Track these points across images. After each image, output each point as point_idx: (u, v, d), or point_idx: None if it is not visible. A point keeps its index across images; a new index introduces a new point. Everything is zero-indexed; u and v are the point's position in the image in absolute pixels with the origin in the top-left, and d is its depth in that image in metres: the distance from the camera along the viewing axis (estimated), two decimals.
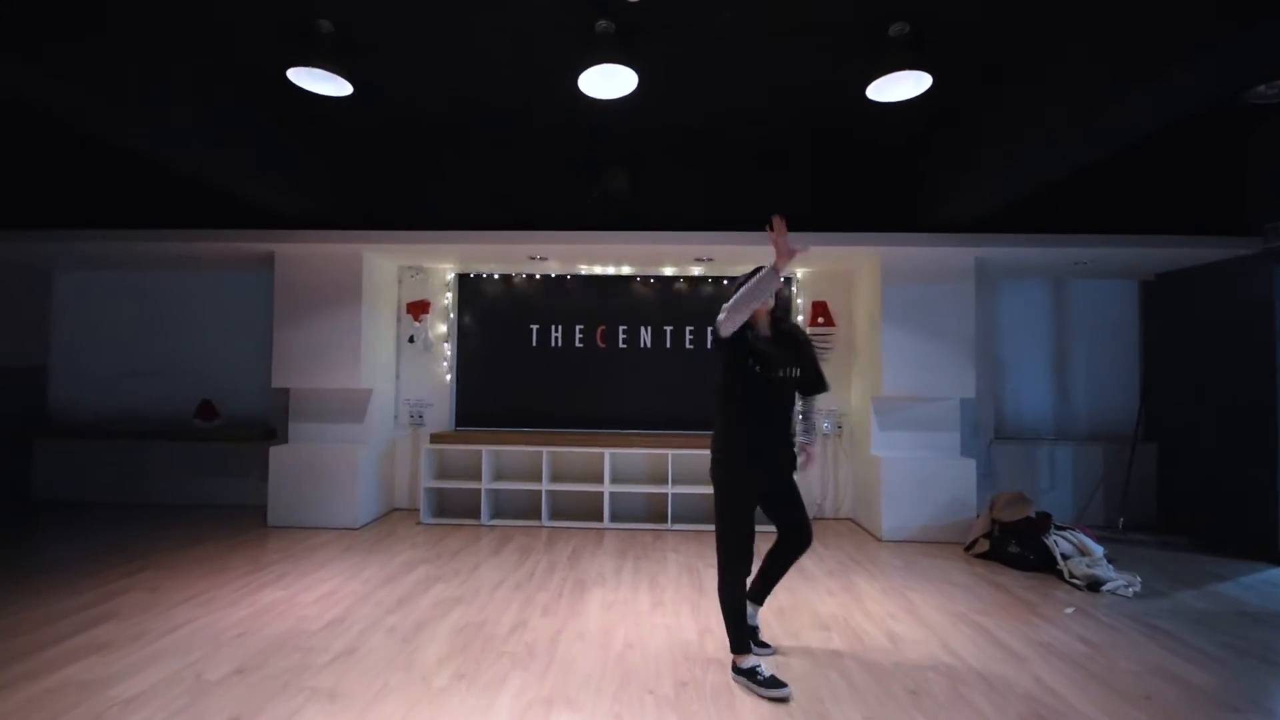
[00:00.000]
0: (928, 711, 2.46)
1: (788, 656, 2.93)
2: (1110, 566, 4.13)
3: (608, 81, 3.44)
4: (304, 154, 4.51)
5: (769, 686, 2.54)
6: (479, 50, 3.61)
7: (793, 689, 2.58)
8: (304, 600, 3.53)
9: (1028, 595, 3.84)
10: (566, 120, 4.22)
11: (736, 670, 2.68)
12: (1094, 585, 3.98)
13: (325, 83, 3.57)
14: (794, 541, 2.83)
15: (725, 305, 2.56)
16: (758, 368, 2.63)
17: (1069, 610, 3.60)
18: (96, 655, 2.85)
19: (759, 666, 2.63)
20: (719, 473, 2.71)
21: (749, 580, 2.78)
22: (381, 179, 4.97)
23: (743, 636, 2.67)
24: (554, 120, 4.25)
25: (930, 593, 3.82)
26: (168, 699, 2.46)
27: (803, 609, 3.53)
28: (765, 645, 2.97)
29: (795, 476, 2.83)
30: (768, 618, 3.34)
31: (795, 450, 2.85)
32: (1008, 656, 2.97)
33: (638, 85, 3.55)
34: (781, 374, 2.71)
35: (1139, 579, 4.04)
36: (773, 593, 3.10)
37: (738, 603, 2.65)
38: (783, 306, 2.89)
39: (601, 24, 3.39)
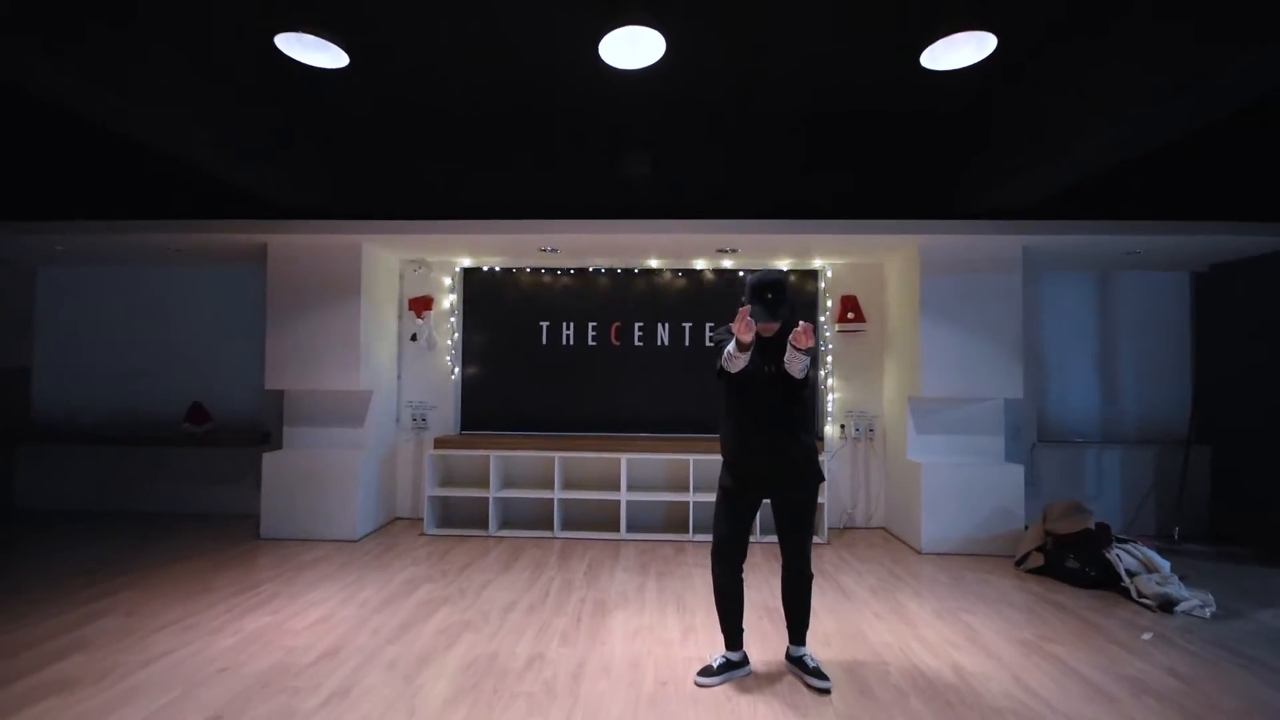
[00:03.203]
0: None
1: (846, 693, 2.57)
2: (1182, 584, 3.76)
3: (632, 48, 3.07)
4: (298, 137, 4.16)
5: (707, 675, 2.66)
6: (491, 17, 3.24)
7: None
8: (295, 627, 3.17)
9: (1095, 617, 3.46)
10: (584, 98, 3.85)
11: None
12: (1166, 605, 3.61)
13: (318, 52, 3.22)
14: (787, 569, 2.72)
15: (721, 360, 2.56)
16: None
17: (1146, 636, 3.23)
18: (59, 696, 2.50)
19: (715, 660, 2.72)
20: (721, 475, 2.74)
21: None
22: (382, 165, 4.60)
23: (727, 630, 2.73)
24: (571, 99, 3.88)
25: (988, 615, 3.45)
26: None
27: (851, 636, 3.16)
28: (822, 677, 2.62)
29: (803, 504, 2.66)
30: (810, 644, 2.96)
31: (803, 462, 2.62)
32: (1094, 694, 2.60)
33: (664, 55, 3.19)
34: (769, 369, 2.55)
35: (1211, 597, 3.67)
36: (815, 618, 3.01)
37: (720, 594, 2.71)
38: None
39: None
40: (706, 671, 2.66)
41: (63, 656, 2.84)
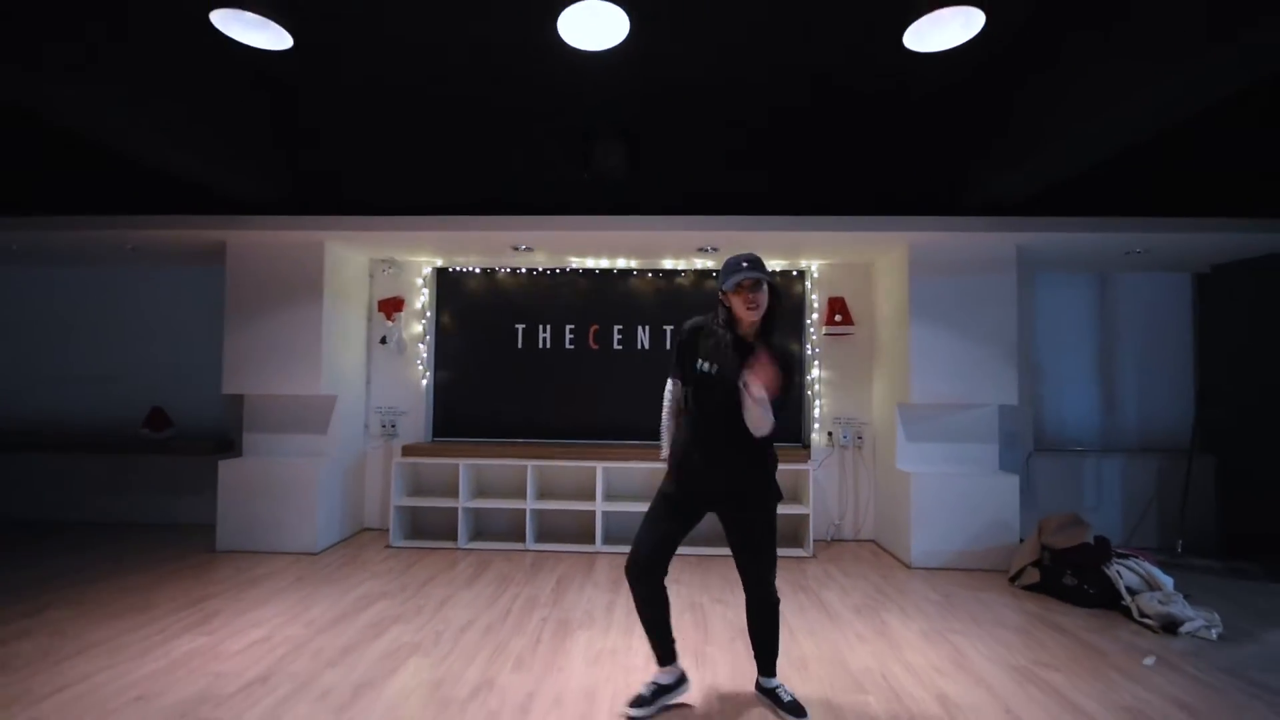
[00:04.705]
0: None
1: None
2: (1186, 603, 3.52)
3: (593, 23, 2.86)
4: (250, 128, 3.94)
5: (638, 706, 2.41)
6: None
7: None
8: (228, 650, 2.93)
9: (1095, 640, 3.22)
10: (549, 83, 3.63)
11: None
12: (1170, 626, 3.37)
13: (259, 31, 3.01)
14: (748, 598, 2.47)
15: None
16: (707, 365, 2.32)
17: (1148, 661, 2.99)
18: None
19: (646, 688, 2.47)
20: (664, 480, 2.50)
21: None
22: (346, 159, 4.39)
23: (656, 648, 2.50)
24: (535, 84, 3.67)
25: (980, 637, 3.21)
26: None
27: (829, 660, 2.92)
28: (799, 713, 2.37)
29: (750, 521, 2.39)
30: (786, 671, 2.74)
31: (754, 477, 2.37)
32: None
33: (629, 34, 2.98)
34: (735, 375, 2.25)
35: (1218, 617, 3.43)
36: (793, 639, 2.83)
37: (640, 609, 2.45)
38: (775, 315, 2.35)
39: None
40: (638, 702, 2.41)
41: None
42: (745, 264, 2.24)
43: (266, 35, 3.01)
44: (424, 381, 5.32)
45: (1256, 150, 4.11)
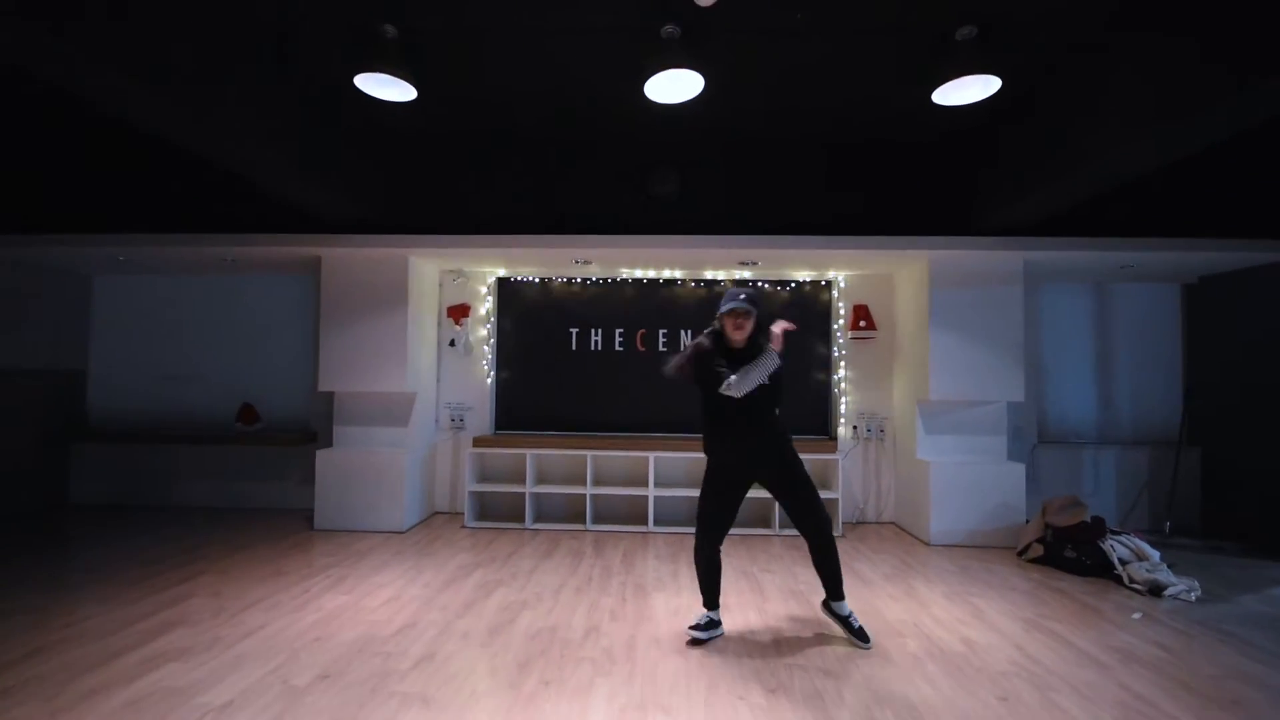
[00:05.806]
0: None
1: (869, 659, 2.92)
2: (1170, 571, 4.10)
3: (673, 86, 3.43)
4: (355, 157, 4.51)
5: (698, 629, 3.09)
6: (545, 59, 3.62)
7: (882, 693, 2.59)
8: (370, 605, 3.52)
9: (1091, 600, 3.81)
10: (625, 126, 4.22)
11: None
12: (1155, 590, 3.95)
13: (390, 88, 3.58)
14: (811, 537, 3.09)
15: (733, 381, 2.90)
16: (726, 371, 2.97)
17: (1136, 615, 3.58)
18: (176, 662, 2.84)
19: (702, 619, 3.14)
20: (707, 459, 3.19)
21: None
22: (429, 183, 4.96)
23: (708, 593, 3.18)
24: (613, 128, 4.25)
25: (994, 599, 3.80)
26: (260, 705, 2.46)
27: (869, 614, 3.51)
28: (865, 639, 3.07)
29: (792, 468, 3.09)
30: (832, 623, 3.30)
31: (779, 442, 3.10)
32: (1088, 661, 2.95)
33: (702, 91, 3.55)
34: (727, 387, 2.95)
35: (1197, 583, 4.02)
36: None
37: (704, 564, 3.16)
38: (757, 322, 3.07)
39: (667, 29, 3.39)
40: (698, 627, 3.10)
41: (166, 631, 3.17)
42: (743, 296, 2.99)
43: (397, 90, 3.58)
44: (488, 380, 5.90)
45: (1238, 176, 4.70)
